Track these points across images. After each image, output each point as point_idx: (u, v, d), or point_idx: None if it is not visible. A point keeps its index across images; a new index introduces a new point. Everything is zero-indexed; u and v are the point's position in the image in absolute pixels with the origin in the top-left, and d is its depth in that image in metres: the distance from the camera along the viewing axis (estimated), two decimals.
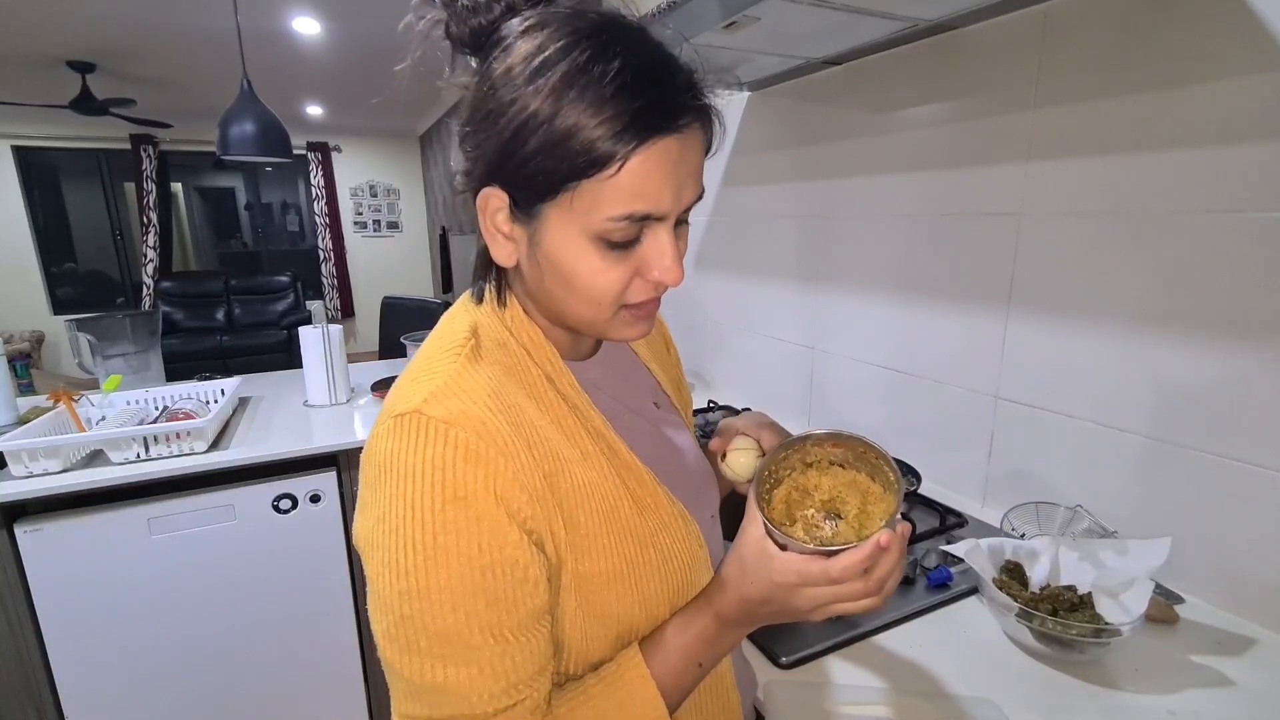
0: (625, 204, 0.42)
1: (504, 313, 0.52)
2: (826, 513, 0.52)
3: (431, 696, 0.43)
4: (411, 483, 0.42)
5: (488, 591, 0.42)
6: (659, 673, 0.48)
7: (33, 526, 1.27)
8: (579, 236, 0.43)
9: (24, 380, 2.85)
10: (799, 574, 0.46)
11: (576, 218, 0.43)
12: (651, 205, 0.42)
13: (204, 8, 2.96)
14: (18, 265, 5.48)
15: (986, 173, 1.04)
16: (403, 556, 0.41)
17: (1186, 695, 0.67)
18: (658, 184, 0.42)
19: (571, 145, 0.40)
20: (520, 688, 0.44)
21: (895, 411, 1.28)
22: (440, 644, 0.42)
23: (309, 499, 1.49)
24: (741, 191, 1.66)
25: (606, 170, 0.40)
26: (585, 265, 0.44)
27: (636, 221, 0.43)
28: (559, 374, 0.51)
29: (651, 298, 0.48)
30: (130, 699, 1.41)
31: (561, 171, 0.41)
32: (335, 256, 6.59)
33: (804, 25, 1.01)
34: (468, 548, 0.42)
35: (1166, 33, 0.80)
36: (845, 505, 0.52)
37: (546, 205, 0.43)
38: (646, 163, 0.41)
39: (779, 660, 0.73)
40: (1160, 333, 0.84)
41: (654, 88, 0.41)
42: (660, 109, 0.41)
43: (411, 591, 0.41)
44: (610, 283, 0.45)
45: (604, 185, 0.41)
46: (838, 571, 0.45)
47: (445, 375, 0.46)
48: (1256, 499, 0.77)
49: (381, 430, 0.45)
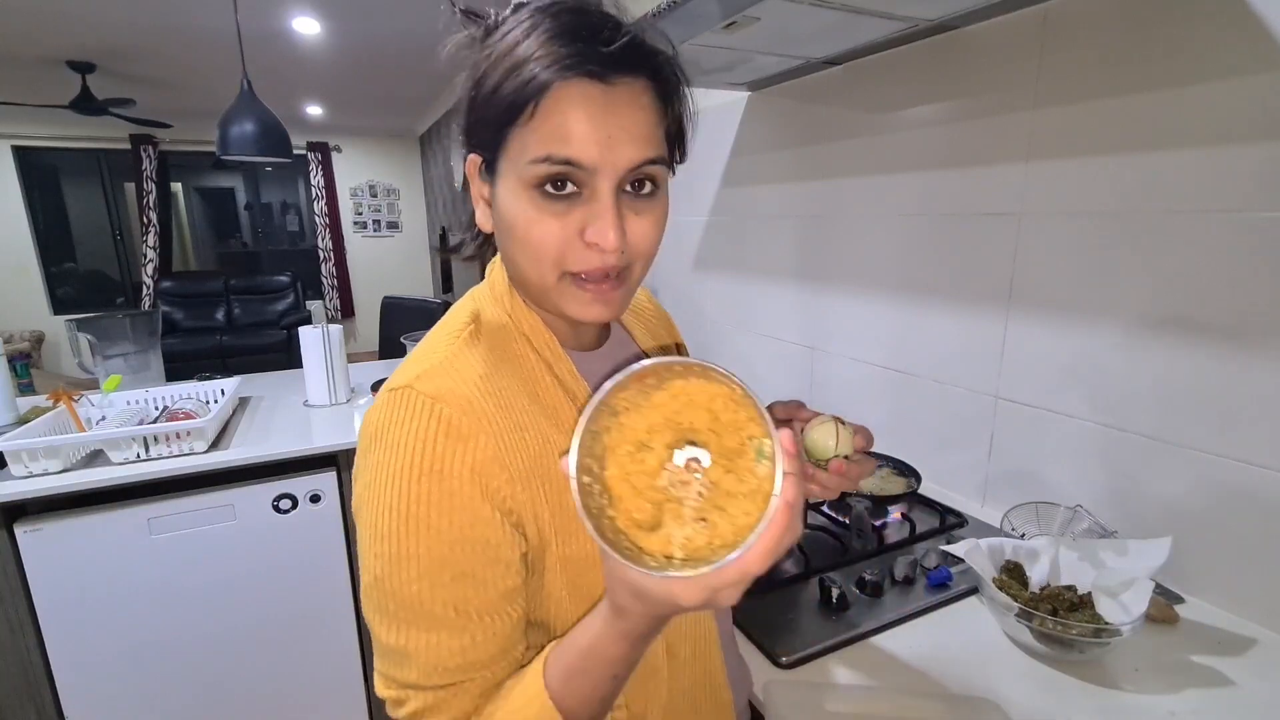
0: (544, 145, 0.43)
1: (507, 302, 0.53)
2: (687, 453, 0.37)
3: (395, 657, 0.46)
4: (395, 453, 0.44)
5: (454, 566, 0.44)
6: (553, 669, 0.44)
7: (33, 526, 1.27)
8: (517, 186, 0.45)
9: (24, 380, 2.85)
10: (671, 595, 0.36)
11: (513, 166, 0.45)
12: (573, 151, 0.43)
13: (204, 8, 2.96)
14: (18, 265, 5.48)
15: (986, 173, 1.04)
16: (381, 522, 0.44)
17: (1186, 695, 0.67)
18: (579, 128, 0.42)
19: (502, 93, 0.43)
20: (476, 667, 0.45)
21: (895, 411, 1.28)
22: (406, 609, 0.44)
23: (309, 499, 1.49)
24: (741, 191, 1.66)
25: (525, 113, 0.43)
26: (521, 214, 0.46)
27: (559, 164, 0.43)
28: (558, 360, 0.53)
29: (596, 268, 0.46)
30: (130, 699, 1.41)
31: (498, 120, 0.44)
32: (335, 256, 6.58)
33: (804, 25, 1.01)
34: (438, 521, 0.43)
35: (1166, 32, 0.80)
36: (697, 433, 0.38)
37: (500, 160, 0.46)
38: (562, 104, 0.42)
39: (779, 660, 0.73)
40: (1160, 332, 0.84)
41: (576, 39, 0.43)
42: (578, 54, 0.42)
43: (385, 555, 0.44)
44: (543, 235, 0.45)
45: (528, 130, 0.43)
46: (723, 581, 0.34)
47: (442, 356, 0.49)
48: (1256, 499, 0.77)
49: (378, 403, 0.48)
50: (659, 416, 0.38)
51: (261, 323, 5.76)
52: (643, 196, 0.47)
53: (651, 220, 0.47)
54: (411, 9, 3.05)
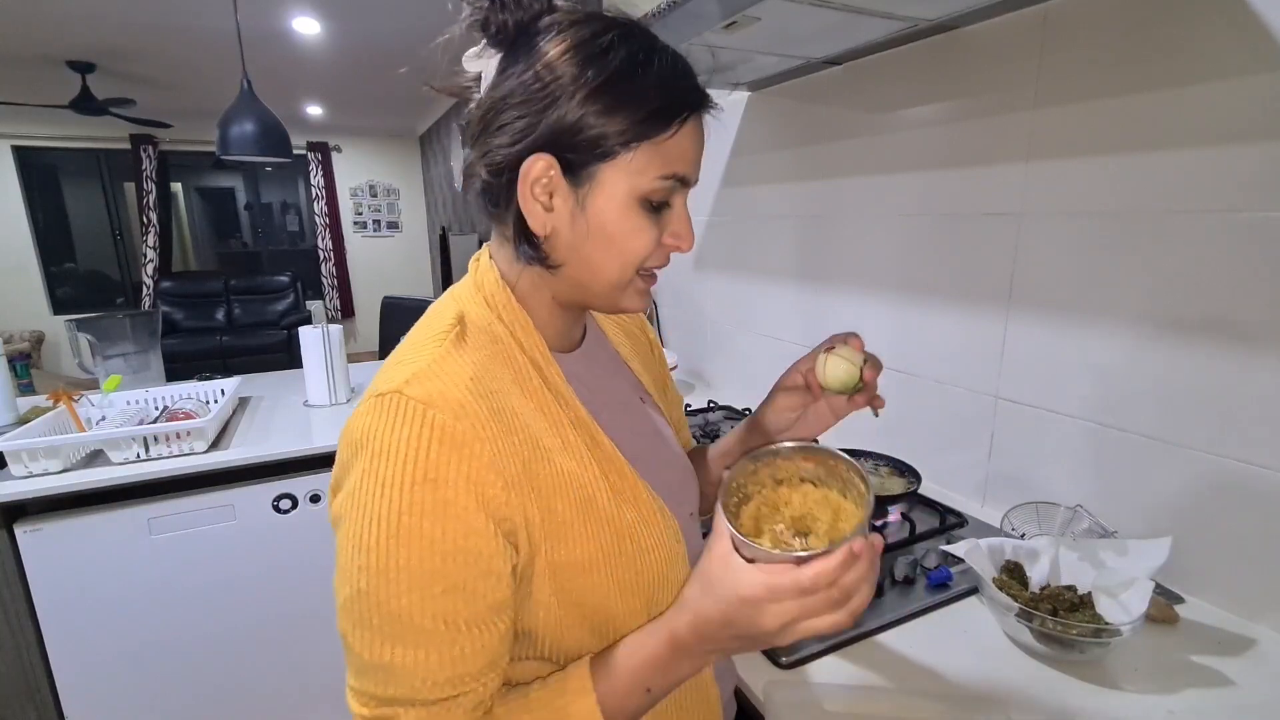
0: (673, 165, 0.48)
1: (494, 300, 0.53)
2: (796, 530, 0.50)
3: (378, 674, 0.44)
4: (385, 460, 0.42)
5: (447, 578, 0.43)
6: (603, 690, 0.47)
7: (33, 526, 1.27)
8: (626, 195, 0.48)
9: (24, 380, 2.85)
10: (766, 586, 0.42)
11: (628, 177, 0.48)
12: (688, 169, 0.50)
13: (204, 8, 2.96)
14: (18, 265, 5.48)
15: (986, 173, 1.04)
16: (367, 533, 0.42)
17: (1186, 695, 0.67)
18: (694, 152, 0.50)
19: (638, 111, 0.46)
20: (466, 680, 0.44)
21: (895, 411, 1.28)
22: (392, 624, 0.43)
23: (309, 499, 1.49)
24: (741, 191, 1.66)
25: (666, 132, 0.47)
26: (629, 223, 0.49)
27: (675, 182, 0.49)
28: (546, 362, 0.52)
29: (661, 265, 0.53)
30: (130, 699, 1.41)
31: (627, 133, 0.46)
32: (335, 256, 6.59)
33: (804, 25, 1.01)
34: (431, 531, 0.42)
35: (1166, 32, 0.80)
36: (816, 522, 0.49)
37: (603, 166, 0.47)
38: (691, 132, 0.49)
39: (779, 660, 0.73)
40: (1160, 332, 0.84)
41: (690, 74, 0.50)
42: (699, 90, 0.50)
43: (371, 568, 0.42)
44: (646, 243, 0.50)
45: (659, 147, 0.47)
46: (808, 580, 0.41)
47: (428, 359, 0.47)
48: (1256, 499, 0.77)
49: (361, 409, 0.46)
50: (801, 505, 0.51)
51: (261, 323, 5.76)
52: None
53: None
54: (412, 9, 3.05)
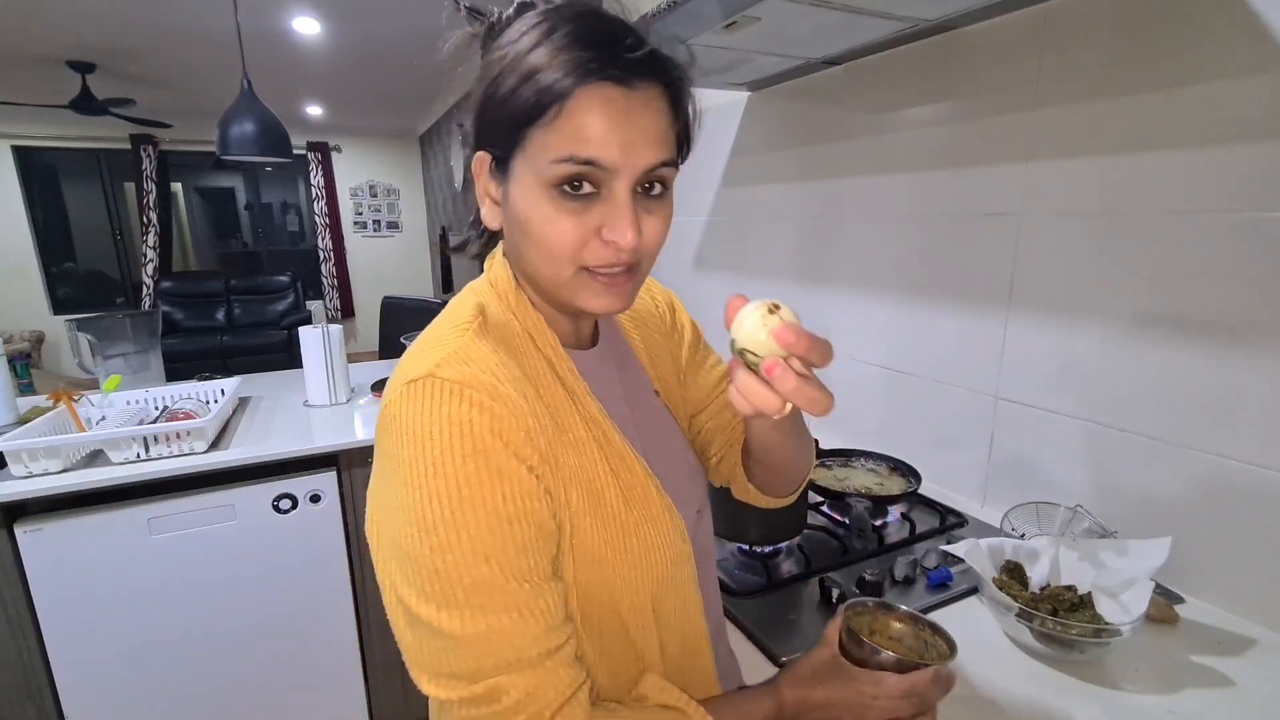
0: (566, 145, 0.44)
1: (510, 298, 0.53)
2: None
3: (476, 648, 0.43)
4: (431, 441, 0.42)
5: (515, 541, 0.43)
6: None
7: (33, 526, 1.27)
8: (535, 184, 0.46)
9: (24, 380, 2.85)
10: (876, 682, 0.52)
11: (531, 165, 0.46)
12: (595, 151, 0.44)
13: (204, 8, 2.96)
14: (18, 265, 5.48)
15: (986, 173, 1.04)
16: (430, 513, 0.42)
17: (1186, 695, 0.67)
18: (600, 130, 0.44)
19: (523, 93, 0.44)
20: (560, 630, 0.45)
21: (895, 411, 1.29)
22: (477, 594, 0.43)
23: (309, 499, 1.49)
24: (741, 191, 1.66)
25: (549, 113, 0.44)
26: (538, 213, 0.46)
27: (581, 165, 0.44)
28: (559, 359, 0.53)
29: (612, 263, 0.47)
30: (130, 699, 1.41)
31: (517, 118, 0.45)
32: (335, 256, 6.59)
33: (804, 25, 1.01)
34: (492, 499, 0.43)
35: (1166, 33, 0.80)
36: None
37: (515, 159, 0.47)
38: (585, 106, 0.44)
39: (779, 660, 0.73)
40: (1160, 332, 0.84)
41: (599, 45, 0.44)
42: (601, 59, 0.44)
43: (442, 546, 0.42)
44: (561, 234, 0.46)
45: (549, 129, 0.44)
46: (908, 686, 0.51)
47: (454, 346, 0.47)
48: (1256, 499, 0.77)
49: (395, 397, 0.45)
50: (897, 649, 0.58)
51: (262, 323, 5.76)
52: (653, 197, 0.48)
53: (661, 219, 0.50)
54: (411, 8, 3.05)
